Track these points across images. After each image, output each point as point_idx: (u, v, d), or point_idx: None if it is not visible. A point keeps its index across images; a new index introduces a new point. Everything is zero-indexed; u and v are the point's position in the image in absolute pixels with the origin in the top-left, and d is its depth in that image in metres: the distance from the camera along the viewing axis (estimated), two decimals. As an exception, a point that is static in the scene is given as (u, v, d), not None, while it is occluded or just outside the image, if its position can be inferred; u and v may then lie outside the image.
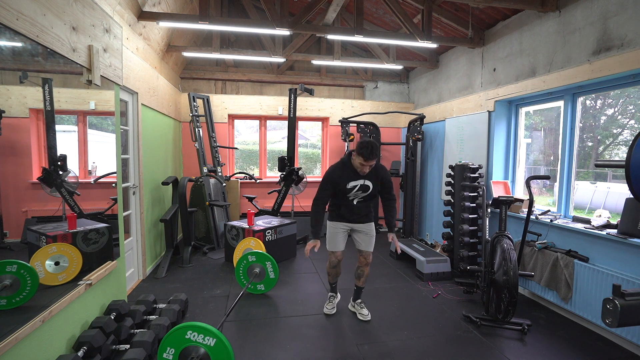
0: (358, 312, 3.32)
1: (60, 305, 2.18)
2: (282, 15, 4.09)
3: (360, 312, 3.30)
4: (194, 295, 3.67)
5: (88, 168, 2.87)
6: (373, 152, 2.87)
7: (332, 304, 3.40)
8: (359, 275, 3.31)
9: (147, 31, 4.20)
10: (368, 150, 2.85)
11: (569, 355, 2.72)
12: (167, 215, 4.52)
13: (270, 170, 6.97)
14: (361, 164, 2.92)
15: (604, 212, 3.24)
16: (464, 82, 5.20)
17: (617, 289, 1.58)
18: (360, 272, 3.30)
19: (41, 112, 2.24)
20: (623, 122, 3.79)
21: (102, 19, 2.70)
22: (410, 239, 5.43)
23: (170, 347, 2.13)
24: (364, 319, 3.23)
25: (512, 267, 2.89)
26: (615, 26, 2.99)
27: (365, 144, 2.87)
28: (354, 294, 3.42)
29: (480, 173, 4.37)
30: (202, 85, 6.65)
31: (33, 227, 2.23)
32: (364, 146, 2.86)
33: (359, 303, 3.37)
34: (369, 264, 3.28)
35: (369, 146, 2.86)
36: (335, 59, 5.68)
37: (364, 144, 2.88)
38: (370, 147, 2.86)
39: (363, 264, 3.28)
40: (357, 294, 3.39)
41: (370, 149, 2.86)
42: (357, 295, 3.40)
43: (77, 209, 2.57)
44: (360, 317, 3.27)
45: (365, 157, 2.87)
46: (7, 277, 1.94)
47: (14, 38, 1.83)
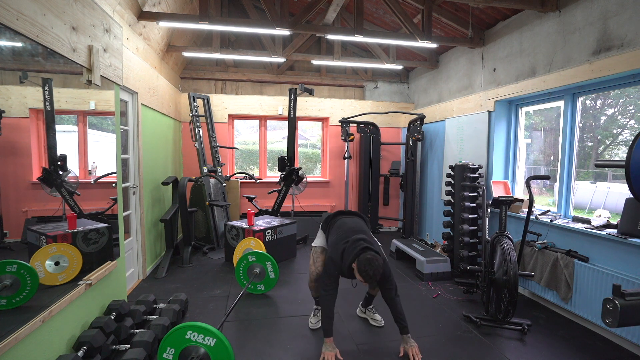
0: (370, 317, 3.21)
1: (60, 305, 2.18)
2: (282, 15, 4.09)
3: (373, 318, 3.19)
4: (194, 295, 3.67)
5: (88, 168, 2.87)
6: (375, 277, 2.46)
7: (317, 318, 3.15)
8: (373, 286, 3.11)
9: (147, 31, 4.20)
10: (370, 274, 2.44)
11: (569, 355, 2.72)
12: (167, 215, 4.52)
13: (270, 170, 6.97)
14: (360, 280, 2.54)
15: (604, 212, 3.24)
16: (464, 82, 5.20)
17: (617, 289, 1.58)
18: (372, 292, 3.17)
19: (41, 112, 2.24)
20: (623, 122, 3.79)
21: (102, 19, 2.70)
22: (410, 238, 5.43)
23: (170, 347, 2.13)
24: (378, 325, 3.12)
25: (512, 267, 2.89)
26: (615, 26, 2.99)
27: (369, 265, 2.44)
28: (365, 300, 3.25)
29: (480, 173, 4.37)
30: (202, 85, 6.65)
31: (33, 227, 2.23)
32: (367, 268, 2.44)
33: (371, 309, 3.24)
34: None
35: (371, 270, 2.43)
36: (335, 59, 5.68)
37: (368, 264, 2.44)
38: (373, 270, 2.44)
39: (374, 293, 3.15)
40: (369, 301, 3.23)
41: (372, 274, 2.44)
42: (368, 302, 3.24)
43: (77, 209, 2.56)
44: (373, 322, 3.16)
45: (367, 280, 2.49)
46: (7, 277, 1.94)
47: (14, 38, 1.83)
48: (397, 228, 7.04)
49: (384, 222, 6.90)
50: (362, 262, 2.47)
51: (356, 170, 6.81)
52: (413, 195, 5.94)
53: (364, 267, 2.45)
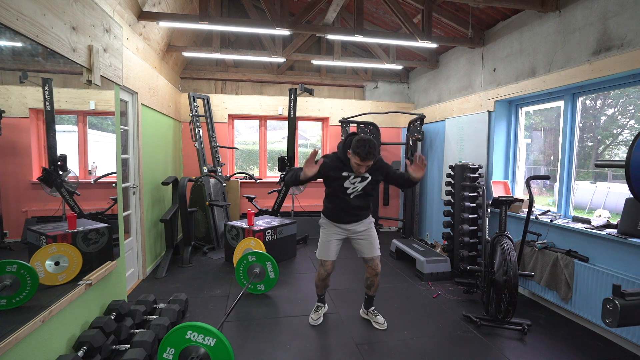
0: (373, 320, 3.15)
1: (60, 305, 2.18)
2: (282, 15, 4.09)
3: (375, 320, 3.13)
4: (194, 295, 3.67)
5: (88, 168, 2.87)
6: (371, 152, 2.55)
7: (318, 314, 3.19)
8: (369, 286, 3.10)
9: (147, 31, 4.20)
10: (365, 149, 2.53)
11: (569, 355, 2.72)
12: (167, 215, 4.52)
13: (270, 170, 6.97)
14: (357, 164, 2.62)
15: (604, 212, 3.24)
16: (464, 82, 5.20)
17: (617, 289, 1.57)
18: (370, 283, 3.08)
19: (41, 112, 2.24)
20: (623, 122, 3.78)
21: (102, 19, 2.70)
22: (410, 238, 5.43)
23: (170, 347, 2.13)
24: (381, 328, 3.07)
25: (512, 267, 2.89)
26: (615, 26, 2.99)
27: (362, 142, 2.54)
28: (365, 301, 3.22)
29: (480, 173, 4.37)
30: (202, 85, 6.65)
31: (33, 227, 2.23)
32: (361, 145, 2.54)
33: (372, 311, 3.20)
34: (378, 274, 3.01)
35: (365, 145, 2.53)
36: (335, 59, 5.68)
37: (360, 142, 2.55)
38: (367, 145, 2.53)
39: (372, 275, 3.03)
40: (369, 302, 3.19)
41: (367, 148, 2.53)
42: (369, 303, 3.20)
43: (77, 209, 2.56)
44: (376, 325, 3.10)
45: (362, 157, 2.55)
46: (7, 277, 1.94)
47: (14, 38, 1.83)
48: (397, 228, 7.04)
49: (384, 222, 6.90)
50: (354, 142, 2.58)
51: (356, 170, 6.80)
52: (413, 195, 5.94)
53: (357, 144, 2.55)
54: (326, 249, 2.99)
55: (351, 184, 2.80)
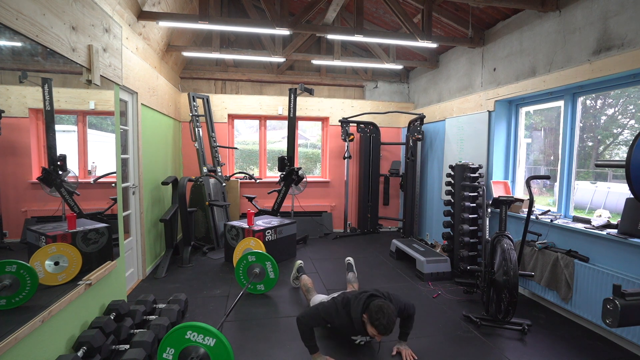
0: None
1: (59, 305, 2.18)
2: (282, 15, 4.09)
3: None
4: (193, 295, 3.67)
5: (88, 168, 2.87)
6: (389, 327, 2.26)
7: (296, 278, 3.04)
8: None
9: (146, 31, 4.19)
10: (384, 324, 2.25)
11: (569, 355, 2.71)
12: (166, 215, 4.51)
13: (270, 170, 6.96)
14: (373, 334, 2.35)
15: (604, 212, 3.24)
16: (464, 81, 5.20)
17: (617, 289, 1.57)
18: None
19: (41, 112, 2.24)
20: (623, 122, 3.78)
21: (102, 19, 2.69)
22: (410, 238, 5.43)
23: (170, 347, 2.13)
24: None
25: (512, 267, 2.89)
26: (615, 26, 2.98)
27: (381, 313, 2.26)
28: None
29: (480, 173, 4.36)
30: (201, 85, 6.65)
31: (33, 227, 2.23)
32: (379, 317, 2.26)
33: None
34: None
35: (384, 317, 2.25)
36: (335, 59, 5.67)
37: (380, 312, 2.27)
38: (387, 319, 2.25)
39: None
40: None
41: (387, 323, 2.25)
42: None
43: (76, 209, 2.56)
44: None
45: (381, 331, 2.28)
46: (7, 277, 1.93)
47: (14, 38, 1.83)
48: (397, 228, 7.03)
49: (384, 222, 6.89)
50: (373, 311, 2.28)
51: (356, 170, 6.81)
52: (413, 195, 5.94)
53: (376, 316, 2.26)
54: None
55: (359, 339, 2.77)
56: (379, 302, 2.32)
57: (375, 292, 2.50)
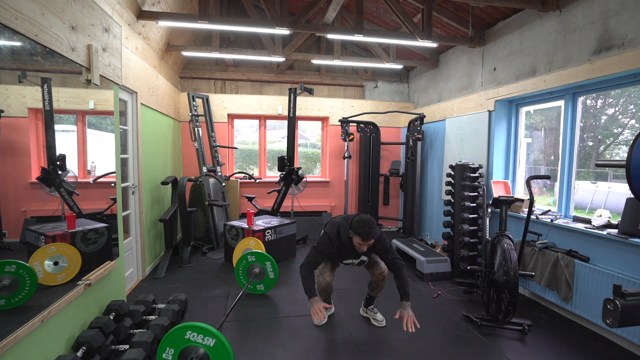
0: (372, 317, 3.20)
1: (59, 306, 2.18)
2: (281, 15, 4.08)
3: (374, 318, 3.18)
4: (193, 296, 3.66)
5: (87, 168, 2.86)
6: (371, 232, 2.62)
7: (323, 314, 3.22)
8: (373, 288, 3.14)
9: (146, 30, 4.19)
10: (365, 230, 2.61)
11: (570, 356, 2.71)
12: (166, 215, 4.51)
13: (270, 170, 6.96)
14: (359, 243, 2.69)
15: (605, 212, 3.24)
16: (464, 81, 5.19)
17: (617, 289, 1.57)
18: (375, 286, 3.12)
19: (40, 111, 2.24)
20: (624, 121, 3.78)
21: (101, 18, 2.69)
22: (410, 238, 5.43)
23: (170, 348, 2.12)
24: (379, 325, 3.12)
25: (512, 267, 2.88)
26: (615, 25, 2.98)
27: (362, 223, 2.63)
28: (366, 300, 3.26)
29: (480, 173, 4.36)
30: (201, 85, 6.64)
31: (32, 227, 2.22)
32: (361, 225, 2.63)
33: (372, 309, 3.24)
34: (385, 278, 3.06)
35: (366, 225, 2.62)
36: (335, 59, 5.67)
37: (360, 222, 2.64)
38: (367, 226, 2.61)
39: (379, 279, 3.07)
40: (370, 301, 3.24)
41: (367, 229, 2.61)
42: (369, 302, 3.24)
43: (76, 209, 2.56)
44: (375, 322, 3.15)
45: (363, 237, 2.63)
46: (6, 277, 1.93)
47: (13, 37, 1.82)
48: (397, 228, 7.03)
49: (384, 222, 6.89)
50: (355, 225, 2.66)
51: (356, 170, 6.80)
52: (413, 195, 5.94)
53: (357, 225, 2.64)
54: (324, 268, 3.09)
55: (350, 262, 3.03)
56: (361, 216, 2.73)
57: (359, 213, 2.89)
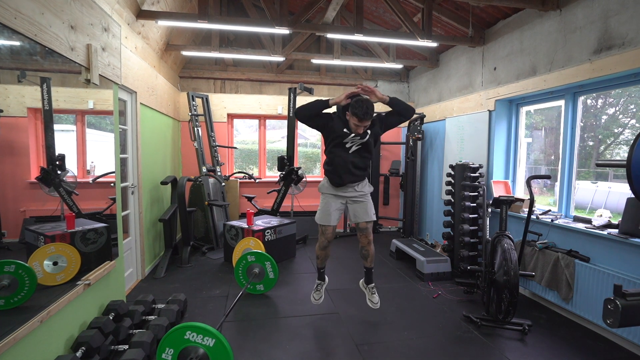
0: (368, 296, 3.22)
1: (58, 306, 2.17)
2: (281, 14, 4.07)
3: (370, 299, 3.20)
4: (193, 296, 3.66)
5: (86, 167, 2.86)
6: (368, 112, 2.68)
7: (319, 293, 3.26)
8: (364, 256, 3.13)
9: (145, 30, 4.18)
10: (362, 109, 2.66)
11: (570, 356, 2.71)
12: (166, 215, 4.50)
13: (270, 169, 6.95)
14: (355, 124, 2.75)
15: (605, 211, 3.23)
16: (465, 81, 5.19)
17: (618, 289, 1.57)
18: (365, 253, 3.11)
19: (39, 111, 2.23)
20: (624, 121, 3.78)
21: (101, 18, 2.68)
22: (410, 238, 5.42)
23: (169, 348, 2.12)
24: (374, 307, 3.17)
25: (512, 267, 2.88)
26: (616, 25, 2.97)
27: (359, 103, 2.68)
28: (365, 276, 3.24)
29: (480, 172, 4.36)
30: (201, 85, 6.63)
31: (31, 227, 2.22)
32: (358, 105, 2.67)
33: (371, 287, 3.22)
34: (370, 241, 3.06)
35: (362, 106, 2.66)
36: (335, 58, 5.66)
37: (358, 102, 2.69)
38: (364, 106, 2.66)
39: (365, 243, 3.07)
40: (368, 276, 3.21)
41: (365, 108, 2.66)
42: (368, 278, 3.22)
43: (75, 209, 2.55)
44: (369, 303, 3.19)
45: (360, 117, 2.68)
46: (5, 277, 1.93)
47: (12, 37, 1.81)
48: (397, 228, 7.02)
49: (383, 222, 6.88)
50: (352, 103, 2.73)
51: (356, 170, 6.79)
52: (413, 195, 5.93)
53: (355, 105, 2.69)
54: (326, 214, 3.05)
55: (350, 141, 2.92)
56: (359, 97, 2.77)
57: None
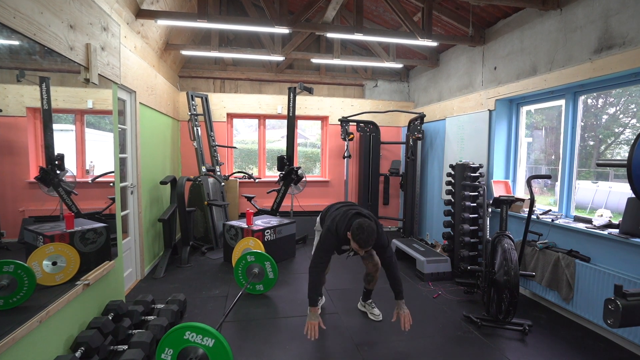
0: (369, 312, 3.27)
1: (57, 306, 2.17)
2: (281, 14, 4.06)
3: (371, 312, 3.25)
4: (192, 296, 3.65)
5: (86, 167, 2.85)
6: (369, 241, 2.54)
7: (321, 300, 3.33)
8: (369, 281, 3.19)
9: (145, 29, 4.17)
10: (364, 238, 2.52)
11: (570, 356, 2.70)
12: (165, 215, 4.49)
13: (269, 169, 6.95)
14: (356, 248, 2.62)
15: (606, 211, 3.23)
16: (465, 80, 5.18)
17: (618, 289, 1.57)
18: (370, 278, 3.17)
19: (38, 111, 2.23)
20: (625, 121, 3.77)
21: (100, 17, 2.67)
22: (410, 238, 5.42)
23: (169, 348, 2.11)
24: (376, 319, 3.19)
25: (513, 267, 2.87)
26: (616, 24, 2.97)
27: (361, 230, 2.52)
28: (364, 295, 3.33)
29: (480, 172, 4.35)
30: (200, 84, 6.63)
31: (30, 227, 2.21)
32: (360, 232, 2.52)
33: (370, 303, 3.31)
34: (379, 269, 3.08)
35: (364, 233, 2.51)
36: (335, 58, 5.65)
37: (360, 229, 2.52)
38: (366, 234, 2.51)
39: (372, 271, 3.13)
40: (367, 295, 3.30)
41: (366, 237, 2.51)
42: (367, 296, 3.32)
43: (74, 209, 2.54)
44: (371, 317, 3.23)
45: (361, 245, 2.55)
46: (4, 277, 1.92)
47: (11, 36, 1.81)
48: (397, 228, 7.02)
49: (383, 221, 6.87)
50: (354, 228, 2.55)
51: (356, 170, 6.79)
52: (413, 195, 5.92)
53: (357, 232, 2.53)
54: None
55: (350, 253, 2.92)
56: (360, 220, 2.61)
57: (360, 210, 2.80)
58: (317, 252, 2.82)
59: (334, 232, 2.76)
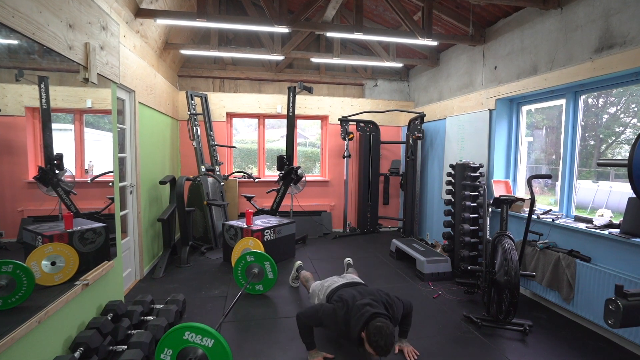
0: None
1: (56, 306, 2.16)
2: (280, 13, 4.06)
3: None
4: (191, 296, 3.64)
5: (85, 167, 2.84)
6: (388, 348, 2.19)
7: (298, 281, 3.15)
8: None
9: (144, 29, 4.16)
10: (382, 345, 2.17)
11: (571, 356, 2.70)
12: (164, 215, 4.48)
13: (269, 169, 6.94)
14: (370, 353, 2.27)
15: (606, 211, 3.22)
16: (465, 80, 5.17)
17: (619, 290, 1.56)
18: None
19: (37, 110, 2.22)
20: (625, 120, 3.76)
21: (99, 16, 2.66)
22: (411, 238, 5.41)
23: (168, 348, 2.11)
24: None
25: (513, 267, 2.87)
26: (617, 24, 2.96)
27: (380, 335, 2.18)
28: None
29: (481, 172, 4.34)
30: (200, 84, 6.62)
31: (29, 227, 2.21)
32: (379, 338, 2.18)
33: None
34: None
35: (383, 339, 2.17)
36: (335, 57, 5.65)
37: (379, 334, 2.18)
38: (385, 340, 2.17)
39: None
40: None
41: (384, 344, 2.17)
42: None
43: (73, 209, 2.54)
44: None
45: (379, 352, 2.20)
46: (3, 278, 1.91)
47: (10, 35, 1.80)
48: (397, 228, 7.01)
49: (383, 221, 6.87)
50: (372, 333, 2.21)
51: (356, 169, 6.78)
52: (413, 195, 5.92)
53: (374, 338, 2.19)
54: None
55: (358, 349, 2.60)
56: (379, 323, 2.24)
57: (377, 311, 2.36)
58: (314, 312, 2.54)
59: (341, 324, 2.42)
